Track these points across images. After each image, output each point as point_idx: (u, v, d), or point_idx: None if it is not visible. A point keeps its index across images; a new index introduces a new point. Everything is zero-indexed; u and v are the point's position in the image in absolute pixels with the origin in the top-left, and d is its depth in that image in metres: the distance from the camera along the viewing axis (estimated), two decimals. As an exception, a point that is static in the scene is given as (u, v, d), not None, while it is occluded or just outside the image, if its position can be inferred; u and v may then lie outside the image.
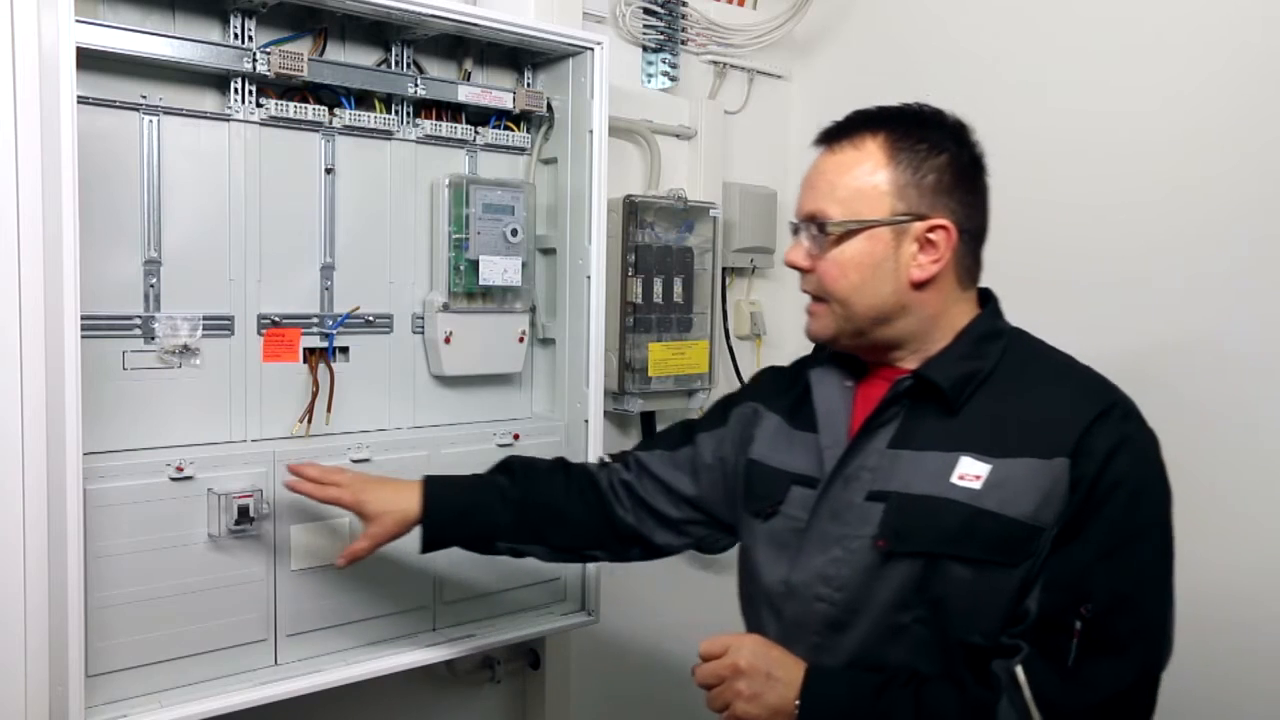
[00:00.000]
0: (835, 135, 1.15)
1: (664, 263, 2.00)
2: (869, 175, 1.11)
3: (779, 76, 2.31)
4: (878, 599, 1.08)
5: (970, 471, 1.06)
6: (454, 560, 1.55)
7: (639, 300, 1.96)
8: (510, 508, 1.37)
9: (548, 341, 1.81)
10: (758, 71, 2.27)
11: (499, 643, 1.69)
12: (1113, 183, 1.77)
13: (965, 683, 1.04)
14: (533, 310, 1.78)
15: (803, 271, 1.16)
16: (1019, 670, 1.01)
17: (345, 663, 1.51)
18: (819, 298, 1.15)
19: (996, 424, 1.08)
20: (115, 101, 1.38)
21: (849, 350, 1.19)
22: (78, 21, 1.22)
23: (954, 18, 2.00)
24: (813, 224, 1.13)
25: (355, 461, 1.54)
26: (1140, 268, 1.73)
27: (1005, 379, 1.11)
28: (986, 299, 1.19)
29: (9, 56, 1.22)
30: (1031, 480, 1.04)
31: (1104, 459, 1.03)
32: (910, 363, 1.15)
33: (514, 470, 1.41)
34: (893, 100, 1.16)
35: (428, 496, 1.36)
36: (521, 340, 1.75)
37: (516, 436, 1.72)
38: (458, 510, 1.37)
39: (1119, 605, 1.01)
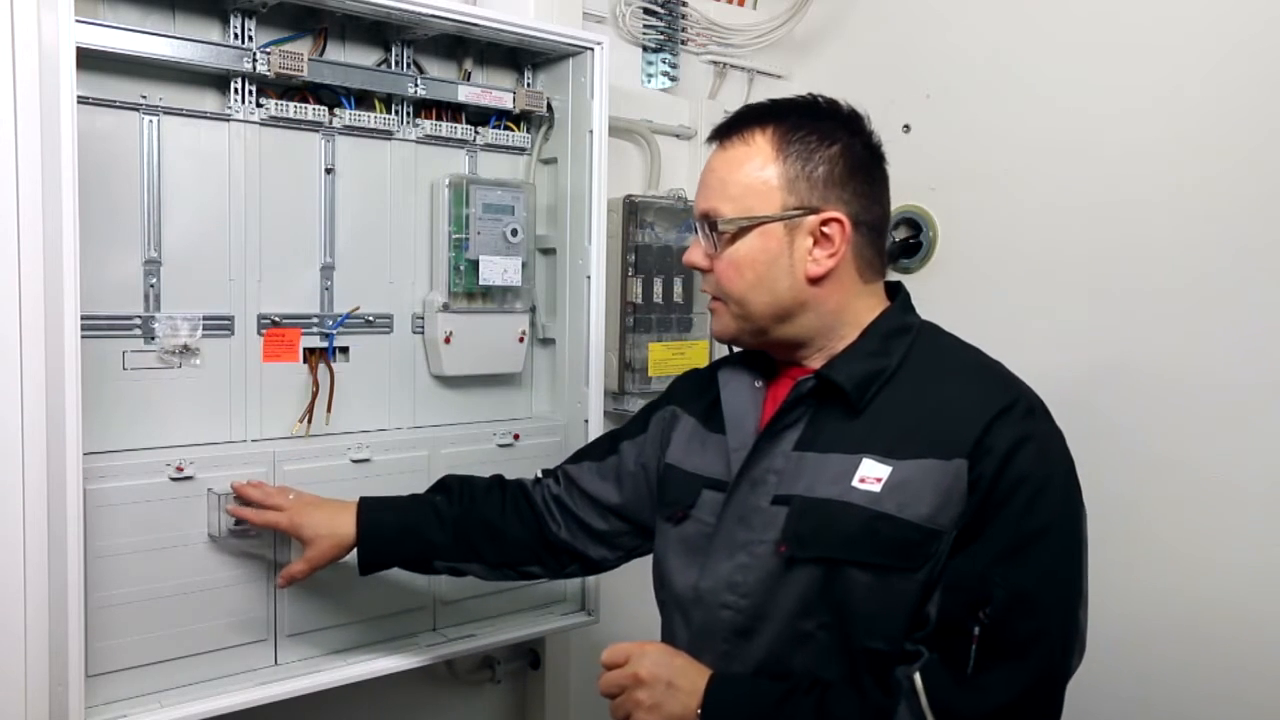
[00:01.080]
0: (726, 132, 1.13)
1: (664, 263, 2.00)
2: (758, 170, 1.08)
3: (779, 76, 2.31)
4: (782, 606, 1.06)
5: (871, 474, 1.03)
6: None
7: (639, 300, 1.96)
8: (447, 526, 1.36)
9: (548, 341, 1.81)
10: (758, 71, 2.26)
11: (499, 643, 1.69)
12: (1113, 182, 1.77)
13: (866, 689, 1.01)
14: (533, 310, 1.78)
15: (702, 271, 1.14)
16: (916, 677, 0.98)
17: (345, 663, 1.51)
18: (719, 297, 1.14)
19: (899, 424, 1.05)
20: (115, 101, 1.38)
21: (755, 349, 1.17)
22: (78, 21, 1.22)
23: (954, 17, 2.00)
24: (706, 223, 1.11)
25: (355, 461, 1.54)
26: (1141, 268, 1.73)
27: (911, 376, 1.08)
28: (896, 291, 1.16)
29: (9, 56, 1.21)
30: (930, 482, 1.01)
31: (1003, 458, 0.99)
32: (817, 361, 1.12)
33: (451, 488, 1.40)
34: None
35: (362, 520, 1.35)
36: (521, 340, 1.75)
37: (516, 436, 1.72)
38: (393, 532, 1.36)
39: (1018, 608, 0.98)
